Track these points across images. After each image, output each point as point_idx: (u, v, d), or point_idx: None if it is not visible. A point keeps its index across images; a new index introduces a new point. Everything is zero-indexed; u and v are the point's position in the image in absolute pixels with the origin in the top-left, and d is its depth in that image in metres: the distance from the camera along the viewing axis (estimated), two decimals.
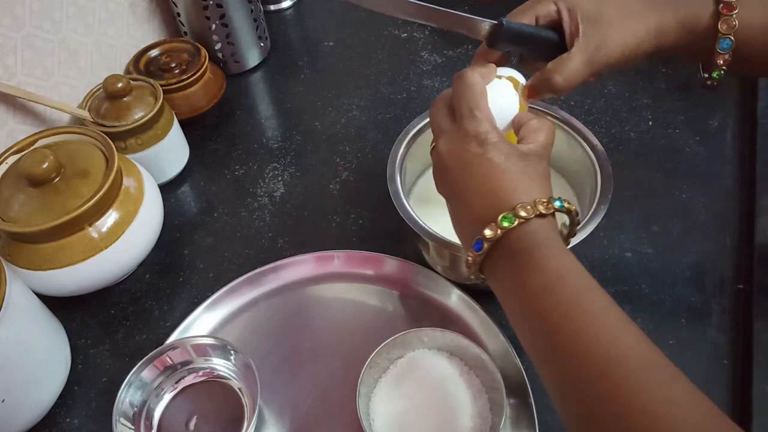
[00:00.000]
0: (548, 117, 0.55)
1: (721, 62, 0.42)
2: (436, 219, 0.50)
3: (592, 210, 0.49)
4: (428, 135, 0.56)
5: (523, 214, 0.35)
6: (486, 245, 0.36)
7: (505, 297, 0.37)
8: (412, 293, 0.54)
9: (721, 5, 0.41)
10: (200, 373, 0.49)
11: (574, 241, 0.45)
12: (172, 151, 0.65)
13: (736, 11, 0.41)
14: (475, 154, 0.38)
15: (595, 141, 0.53)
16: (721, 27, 0.41)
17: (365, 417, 0.45)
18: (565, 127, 0.55)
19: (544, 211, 0.35)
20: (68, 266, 0.50)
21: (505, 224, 0.35)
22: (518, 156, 0.38)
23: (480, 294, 0.53)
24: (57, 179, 0.50)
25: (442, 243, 0.48)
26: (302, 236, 0.61)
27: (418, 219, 0.50)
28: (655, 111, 0.67)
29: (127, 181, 0.54)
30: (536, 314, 0.34)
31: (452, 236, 0.44)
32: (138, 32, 0.73)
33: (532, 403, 0.46)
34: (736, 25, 0.41)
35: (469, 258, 0.37)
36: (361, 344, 0.51)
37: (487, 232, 0.36)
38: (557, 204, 0.36)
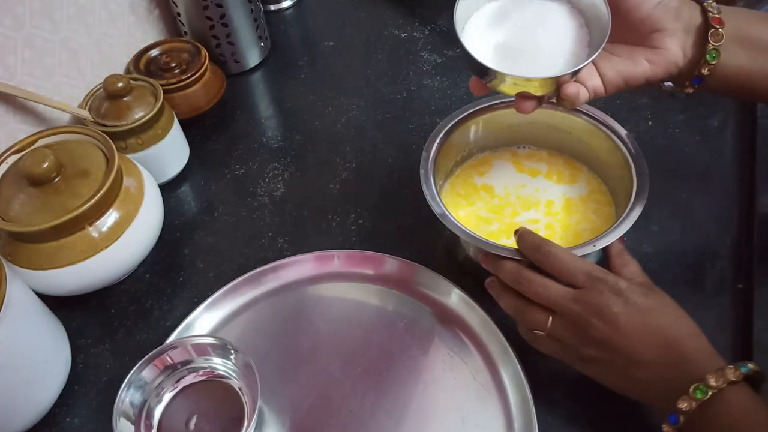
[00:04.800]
0: (582, 115, 0.55)
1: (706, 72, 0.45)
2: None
3: (630, 204, 0.49)
4: (457, 135, 0.56)
5: (713, 383, 0.37)
6: (682, 418, 0.37)
7: None
8: (412, 293, 0.54)
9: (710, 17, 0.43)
10: (200, 373, 0.49)
11: (622, 230, 0.47)
12: (173, 151, 0.65)
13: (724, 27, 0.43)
14: (618, 305, 0.41)
15: (627, 139, 0.53)
16: (711, 38, 0.43)
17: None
18: (598, 124, 0.55)
19: (734, 379, 0.37)
20: (68, 266, 0.50)
21: (699, 396, 0.37)
22: (647, 291, 0.42)
23: (480, 294, 0.53)
24: (57, 179, 0.50)
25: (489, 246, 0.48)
26: (302, 236, 0.61)
27: (456, 221, 0.49)
28: (654, 111, 0.67)
29: (128, 181, 0.54)
30: None
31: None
32: (138, 32, 0.73)
33: (530, 402, 0.46)
34: (723, 38, 0.43)
35: (666, 431, 0.39)
36: (361, 344, 0.52)
37: (683, 406, 0.37)
38: (744, 369, 0.37)
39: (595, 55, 0.42)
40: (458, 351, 0.51)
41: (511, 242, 0.53)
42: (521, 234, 0.46)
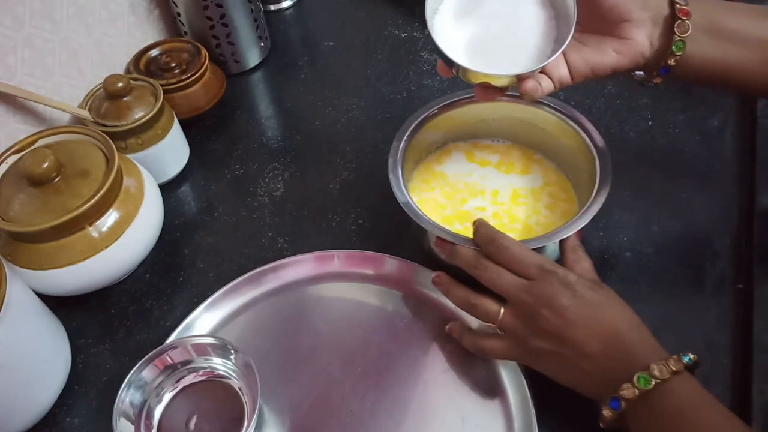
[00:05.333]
0: (544, 107, 0.56)
1: (672, 62, 0.45)
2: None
3: (595, 191, 0.50)
4: (429, 127, 0.58)
5: (657, 374, 0.38)
6: (624, 404, 0.38)
7: None
8: (412, 292, 0.54)
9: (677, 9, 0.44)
10: (200, 373, 0.49)
11: (585, 219, 0.48)
12: (173, 151, 0.65)
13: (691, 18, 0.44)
14: (567, 297, 0.42)
15: (590, 126, 0.54)
16: (677, 29, 0.44)
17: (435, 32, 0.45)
18: (567, 119, 0.56)
19: (676, 369, 0.38)
20: (68, 266, 0.50)
21: (642, 385, 0.38)
22: (594, 286, 0.43)
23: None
24: (57, 179, 0.50)
25: (445, 233, 0.49)
26: (302, 236, 0.61)
27: (417, 209, 0.51)
28: (655, 111, 0.67)
29: (128, 181, 0.54)
30: None
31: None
32: (138, 32, 0.73)
33: (530, 402, 0.46)
34: (689, 29, 0.44)
35: (606, 414, 0.39)
36: (361, 344, 0.52)
37: (625, 393, 0.38)
38: (686, 360, 0.39)
39: (557, 54, 0.43)
40: (458, 351, 0.50)
41: (462, 229, 0.55)
42: (477, 226, 0.47)
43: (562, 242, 0.48)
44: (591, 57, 0.45)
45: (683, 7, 0.44)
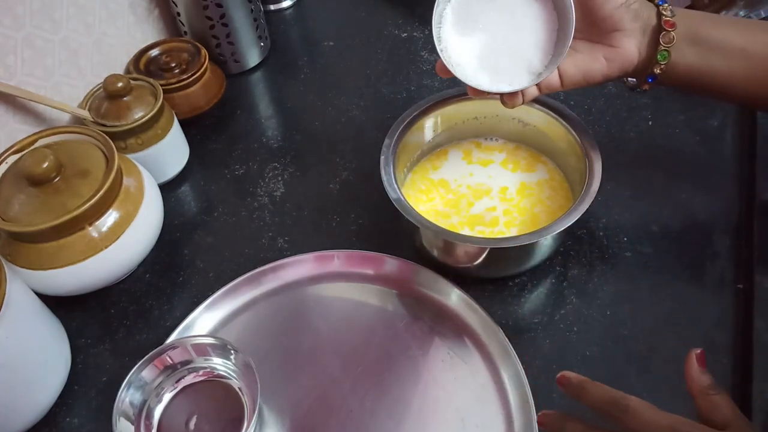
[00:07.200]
0: (545, 109, 0.57)
1: (658, 71, 0.47)
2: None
3: (587, 176, 0.51)
4: (421, 124, 0.58)
5: None
6: None
7: None
8: (412, 292, 0.54)
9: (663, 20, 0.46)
10: (200, 373, 0.49)
11: (566, 222, 0.47)
12: (172, 151, 0.65)
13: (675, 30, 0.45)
14: None
15: (572, 114, 0.55)
16: (662, 40, 0.46)
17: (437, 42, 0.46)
18: (558, 117, 0.56)
19: None
20: (68, 266, 0.50)
21: None
22: None
23: (480, 293, 0.53)
24: (57, 179, 0.50)
25: (434, 229, 0.49)
26: (302, 236, 0.61)
27: (407, 203, 0.51)
28: (655, 111, 0.67)
29: (127, 181, 0.54)
30: None
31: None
32: (138, 32, 0.73)
33: (530, 402, 0.46)
34: (674, 39, 0.45)
35: None
36: (361, 344, 0.52)
37: None
38: None
39: (547, 74, 0.44)
40: (458, 351, 0.51)
41: (468, 232, 0.55)
42: (587, 386, 0.38)
43: (687, 382, 0.38)
44: (582, 64, 0.46)
45: (669, 18, 0.46)
